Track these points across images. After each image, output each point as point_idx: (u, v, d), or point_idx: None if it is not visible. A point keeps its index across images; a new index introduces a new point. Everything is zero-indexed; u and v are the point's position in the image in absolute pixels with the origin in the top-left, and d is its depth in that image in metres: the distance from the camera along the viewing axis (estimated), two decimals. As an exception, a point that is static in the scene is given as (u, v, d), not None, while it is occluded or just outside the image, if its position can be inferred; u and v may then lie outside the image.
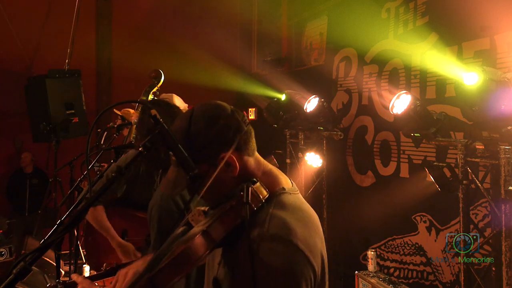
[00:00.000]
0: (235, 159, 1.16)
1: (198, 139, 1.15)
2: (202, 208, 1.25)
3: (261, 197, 1.14)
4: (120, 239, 2.79)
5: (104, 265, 2.40)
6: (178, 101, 3.02)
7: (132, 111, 4.03)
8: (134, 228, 2.89)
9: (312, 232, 1.15)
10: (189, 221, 1.23)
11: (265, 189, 1.16)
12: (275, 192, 1.19)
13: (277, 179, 1.24)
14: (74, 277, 1.63)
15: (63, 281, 1.87)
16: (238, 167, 1.16)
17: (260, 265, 1.03)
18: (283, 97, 5.08)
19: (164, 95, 3.34)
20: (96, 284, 1.87)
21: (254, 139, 1.24)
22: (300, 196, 1.26)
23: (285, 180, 1.26)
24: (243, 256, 1.05)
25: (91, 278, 1.87)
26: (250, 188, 1.12)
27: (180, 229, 1.24)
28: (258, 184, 1.15)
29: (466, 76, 2.59)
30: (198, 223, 1.20)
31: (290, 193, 1.21)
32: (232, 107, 1.23)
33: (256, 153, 1.25)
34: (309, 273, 1.08)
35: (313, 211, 1.25)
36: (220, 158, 1.15)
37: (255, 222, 1.11)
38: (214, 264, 1.22)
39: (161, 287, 1.06)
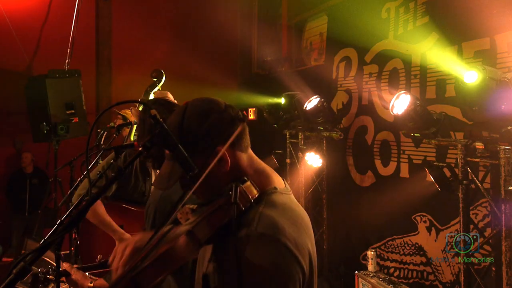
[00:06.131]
0: (227, 154, 1.16)
1: (191, 133, 1.16)
2: (191, 206, 1.23)
3: (251, 196, 1.12)
4: (122, 232, 2.69)
5: (99, 256, 2.35)
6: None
7: (128, 111, 4.02)
8: (130, 223, 2.83)
9: (302, 232, 1.14)
10: (178, 218, 1.21)
11: (255, 188, 1.15)
12: (266, 191, 1.18)
13: (269, 179, 1.23)
14: (65, 265, 1.58)
15: (53, 269, 1.82)
16: (229, 162, 1.16)
17: (246, 264, 1.02)
18: (282, 100, 5.09)
19: (158, 93, 3.35)
20: (88, 274, 1.85)
21: (248, 136, 1.23)
22: (293, 197, 1.25)
23: (277, 180, 1.24)
24: (231, 254, 1.05)
25: (83, 268, 1.84)
26: (238, 188, 1.10)
27: (167, 227, 1.24)
28: (248, 183, 1.14)
29: (466, 74, 2.59)
30: (186, 221, 1.18)
31: (282, 193, 1.20)
32: (226, 103, 1.23)
33: (250, 151, 1.24)
34: (297, 272, 1.07)
35: (305, 212, 1.24)
36: (214, 152, 1.14)
37: (243, 222, 1.09)
38: (204, 261, 1.21)
39: (144, 286, 1.05)
